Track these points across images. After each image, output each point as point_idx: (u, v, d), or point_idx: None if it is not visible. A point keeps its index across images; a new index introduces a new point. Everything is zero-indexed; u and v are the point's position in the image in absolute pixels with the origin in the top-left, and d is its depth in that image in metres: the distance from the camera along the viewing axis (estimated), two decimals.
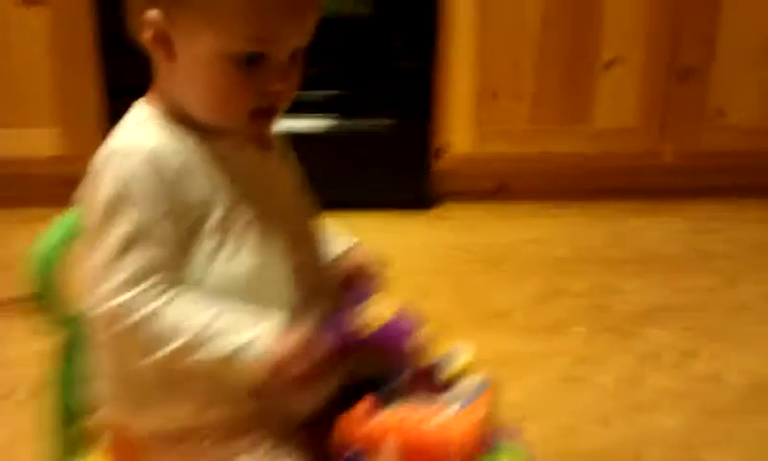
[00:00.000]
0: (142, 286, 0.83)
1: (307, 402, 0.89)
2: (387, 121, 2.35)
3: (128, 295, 0.82)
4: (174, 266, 0.85)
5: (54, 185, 1.98)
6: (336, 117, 2.35)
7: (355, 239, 1.04)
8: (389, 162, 2.39)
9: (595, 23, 2.29)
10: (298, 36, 0.87)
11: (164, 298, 0.84)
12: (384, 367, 0.90)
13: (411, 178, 2.42)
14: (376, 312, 0.92)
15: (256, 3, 0.84)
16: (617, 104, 2.36)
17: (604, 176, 2.48)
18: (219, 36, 0.85)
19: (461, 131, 2.38)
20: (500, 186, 2.52)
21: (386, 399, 0.87)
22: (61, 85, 2.25)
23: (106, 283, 0.83)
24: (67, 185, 1.00)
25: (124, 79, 2.31)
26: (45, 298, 0.96)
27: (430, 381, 0.90)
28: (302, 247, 0.95)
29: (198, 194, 0.87)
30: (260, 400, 0.87)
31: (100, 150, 0.87)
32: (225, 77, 0.86)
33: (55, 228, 0.98)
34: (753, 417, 1.55)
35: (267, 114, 0.90)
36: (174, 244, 0.85)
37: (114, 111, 2.37)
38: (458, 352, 0.94)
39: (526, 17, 2.29)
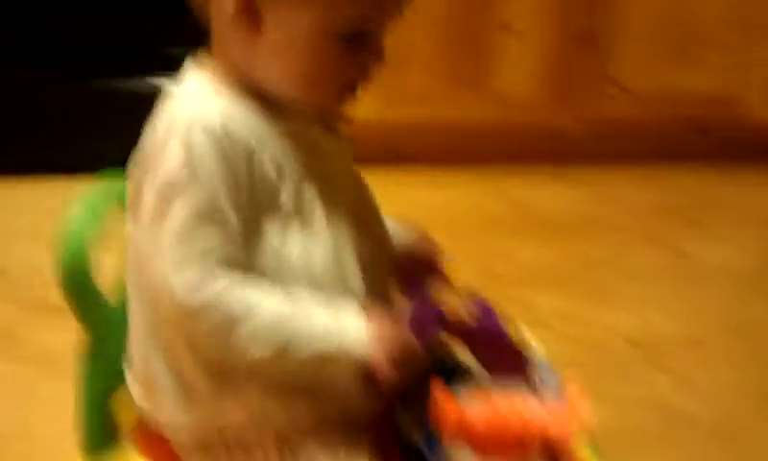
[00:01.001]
0: (214, 270, 0.76)
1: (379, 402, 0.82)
2: None
3: (198, 277, 0.75)
4: (241, 255, 0.78)
5: None
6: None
7: (411, 223, 0.97)
8: None
9: None
10: (397, 10, 0.82)
11: (241, 283, 0.76)
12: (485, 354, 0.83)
13: None
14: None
15: None
16: (516, 70, 2.33)
17: (503, 142, 2.44)
18: (323, 15, 0.79)
19: None
20: (397, 152, 2.46)
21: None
22: None
23: (168, 265, 0.76)
24: None
25: None
26: (78, 288, 0.86)
27: (517, 366, 0.83)
28: (369, 237, 0.87)
29: (266, 172, 0.80)
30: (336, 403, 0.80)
31: (158, 118, 0.81)
32: (324, 54, 0.80)
33: (83, 206, 0.87)
34: (637, 381, 1.52)
35: (354, 90, 0.83)
36: (240, 228, 0.78)
37: None
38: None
39: None
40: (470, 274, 1.79)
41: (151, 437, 0.87)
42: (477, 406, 0.78)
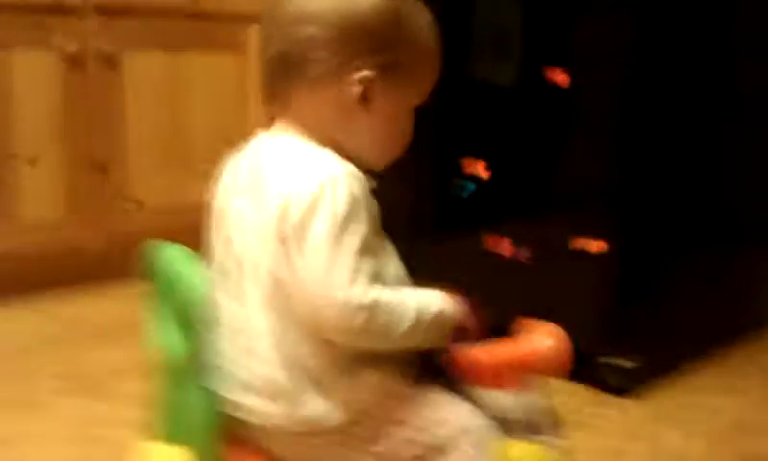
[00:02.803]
0: (369, 283, 0.96)
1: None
2: None
3: (370, 295, 0.95)
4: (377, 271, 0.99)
5: None
6: None
7: None
8: None
9: (10, 120, 2.39)
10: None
11: (383, 290, 0.97)
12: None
13: None
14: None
15: (437, 65, 1.09)
16: (43, 198, 2.48)
17: (42, 268, 2.55)
18: (414, 90, 1.08)
19: None
20: None
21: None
22: None
23: (348, 285, 0.94)
24: None
25: None
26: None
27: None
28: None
29: (376, 214, 1.00)
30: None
31: (321, 170, 0.98)
32: (407, 124, 1.09)
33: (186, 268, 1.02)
34: None
35: None
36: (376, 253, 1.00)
37: None
38: None
39: None
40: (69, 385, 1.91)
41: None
42: (481, 352, 1.08)
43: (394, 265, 1.08)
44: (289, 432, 1.02)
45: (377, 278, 0.98)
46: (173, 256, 1.05)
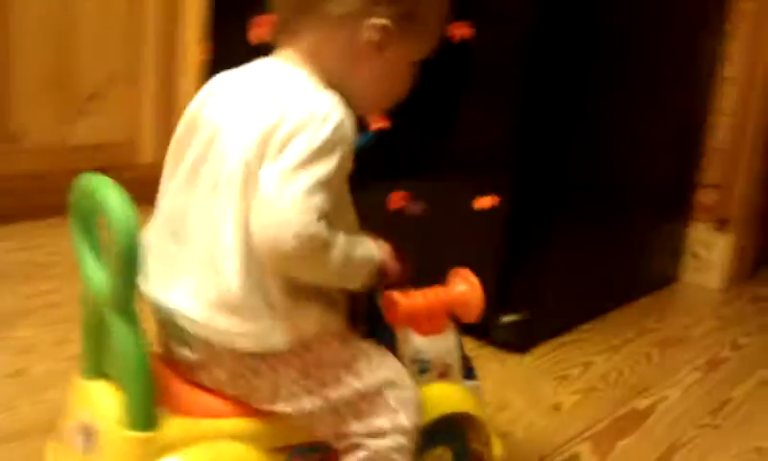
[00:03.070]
0: (323, 221, 0.98)
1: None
2: None
3: (316, 221, 0.97)
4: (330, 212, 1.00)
5: None
6: None
7: None
8: None
9: None
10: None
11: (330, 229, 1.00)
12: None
13: None
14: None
15: (444, 20, 1.15)
16: None
17: None
18: (422, 45, 1.13)
19: None
20: None
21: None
22: None
23: (299, 202, 0.96)
24: None
25: None
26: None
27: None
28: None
29: (346, 168, 1.05)
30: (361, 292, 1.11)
31: (316, 101, 1.02)
32: (408, 76, 1.14)
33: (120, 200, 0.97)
34: None
35: None
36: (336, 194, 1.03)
37: None
38: None
39: None
40: None
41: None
42: (410, 299, 1.16)
43: (351, 215, 1.14)
44: (232, 356, 1.04)
45: (330, 220, 1.01)
46: (96, 187, 1.02)
